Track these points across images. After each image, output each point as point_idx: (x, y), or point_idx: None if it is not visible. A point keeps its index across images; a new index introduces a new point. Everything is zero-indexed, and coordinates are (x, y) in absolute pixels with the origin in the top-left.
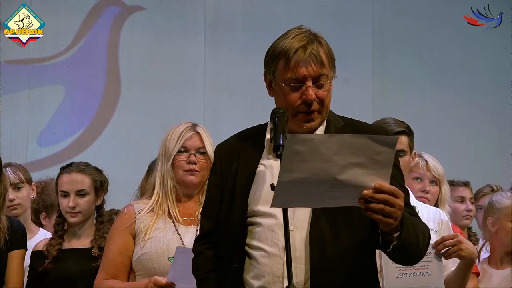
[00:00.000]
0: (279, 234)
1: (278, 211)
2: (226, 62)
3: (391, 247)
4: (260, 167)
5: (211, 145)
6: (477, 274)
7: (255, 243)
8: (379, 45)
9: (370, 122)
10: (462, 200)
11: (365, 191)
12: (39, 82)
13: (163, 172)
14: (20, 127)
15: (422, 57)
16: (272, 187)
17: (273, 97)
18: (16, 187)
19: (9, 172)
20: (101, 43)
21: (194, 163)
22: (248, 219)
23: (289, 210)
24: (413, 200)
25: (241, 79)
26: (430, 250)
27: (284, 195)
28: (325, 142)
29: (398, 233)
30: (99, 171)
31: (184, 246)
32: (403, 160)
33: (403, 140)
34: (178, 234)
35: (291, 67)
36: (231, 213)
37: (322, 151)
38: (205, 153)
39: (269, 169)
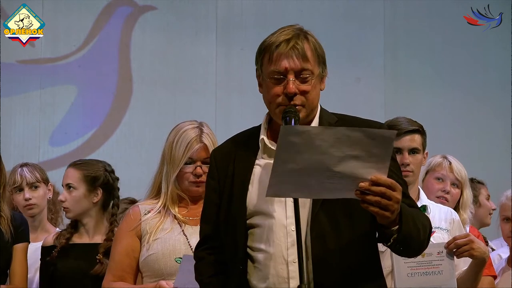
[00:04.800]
0: (280, 234)
1: (277, 211)
2: (237, 61)
3: (391, 240)
4: (256, 168)
5: None
6: (495, 277)
7: (256, 245)
8: (391, 44)
9: (382, 121)
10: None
11: (361, 183)
12: (51, 82)
13: (168, 179)
14: (32, 127)
15: (434, 57)
16: None
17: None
18: (33, 186)
19: (25, 172)
20: (112, 43)
21: (200, 175)
22: (248, 221)
23: (288, 209)
24: (424, 200)
25: (252, 79)
26: (441, 249)
27: (279, 185)
28: (321, 134)
29: (397, 226)
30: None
31: (191, 246)
32: (416, 158)
33: (416, 138)
34: (185, 235)
35: (274, 60)
36: (230, 216)
37: (317, 143)
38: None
39: (265, 168)
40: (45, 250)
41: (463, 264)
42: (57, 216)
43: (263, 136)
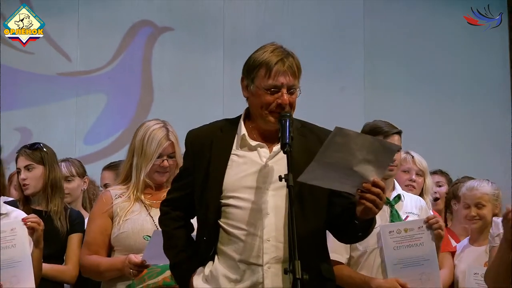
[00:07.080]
0: (255, 217)
1: (253, 196)
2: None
3: (360, 229)
4: (233, 157)
5: (179, 149)
6: (453, 253)
7: (233, 223)
8: (369, 57)
9: (362, 126)
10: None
11: (365, 184)
12: (85, 91)
13: (138, 170)
14: (69, 128)
15: (409, 68)
16: (280, 178)
17: (247, 97)
18: (67, 179)
19: (63, 167)
20: (136, 58)
21: (167, 167)
22: (224, 201)
23: (268, 196)
24: (399, 190)
25: None
26: (421, 224)
27: (312, 174)
28: (356, 138)
29: (372, 220)
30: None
31: (156, 225)
32: (397, 155)
33: (396, 139)
34: (151, 216)
35: (272, 76)
36: (206, 193)
37: (351, 146)
38: (174, 157)
39: (243, 158)
40: None
41: None
42: None
43: (244, 133)
